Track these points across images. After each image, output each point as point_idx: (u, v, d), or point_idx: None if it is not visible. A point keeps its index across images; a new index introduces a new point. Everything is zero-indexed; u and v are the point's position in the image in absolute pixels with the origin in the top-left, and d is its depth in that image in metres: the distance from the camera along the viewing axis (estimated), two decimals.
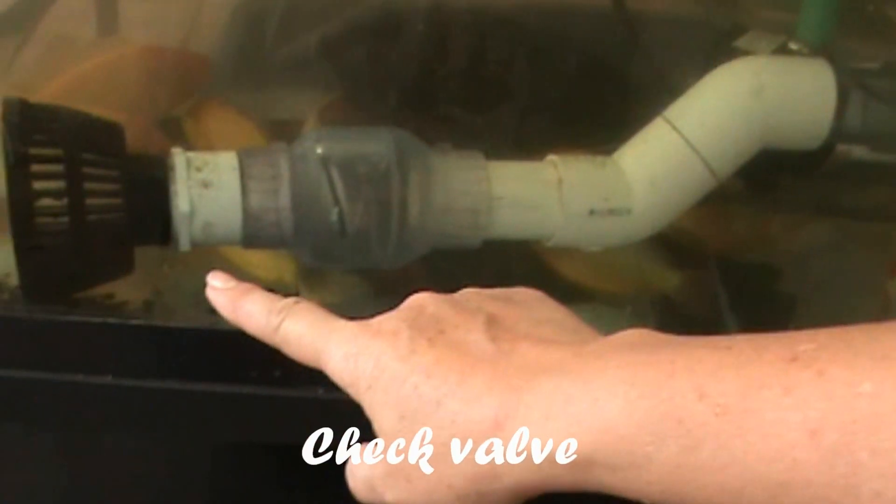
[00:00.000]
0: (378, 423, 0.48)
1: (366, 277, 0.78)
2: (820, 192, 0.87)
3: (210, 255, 0.73)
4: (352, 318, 0.51)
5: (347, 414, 0.65)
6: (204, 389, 0.67)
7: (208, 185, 0.67)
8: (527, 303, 0.51)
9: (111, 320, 0.67)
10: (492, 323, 0.48)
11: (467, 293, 0.52)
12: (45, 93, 0.85)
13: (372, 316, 0.50)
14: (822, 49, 0.80)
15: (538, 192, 0.71)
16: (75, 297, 0.69)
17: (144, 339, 0.67)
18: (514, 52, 0.85)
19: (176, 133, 0.87)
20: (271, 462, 0.73)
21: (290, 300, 0.54)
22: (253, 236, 0.68)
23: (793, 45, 0.80)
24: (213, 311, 0.70)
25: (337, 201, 0.67)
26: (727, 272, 0.82)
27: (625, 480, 0.41)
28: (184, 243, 0.67)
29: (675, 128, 0.73)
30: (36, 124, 0.66)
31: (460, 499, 0.45)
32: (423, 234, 0.68)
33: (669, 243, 0.81)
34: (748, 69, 0.75)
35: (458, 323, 0.48)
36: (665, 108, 0.75)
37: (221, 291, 0.58)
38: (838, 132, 0.78)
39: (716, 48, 0.82)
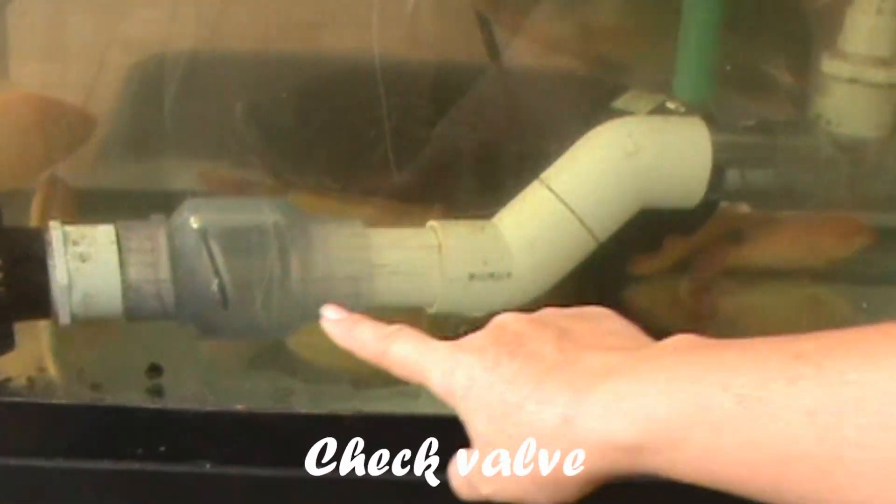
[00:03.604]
0: (472, 426, 0.56)
1: None
2: None
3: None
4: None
5: (235, 490, 0.68)
6: (90, 467, 0.67)
7: (86, 259, 0.67)
8: (595, 318, 0.60)
9: None
10: (562, 336, 0.56)
11: (545, 312, 0.60)
12: None
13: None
14: (700, 107, 0.81)
15: (419, 259, 0.72)
16: None
17: (26, 416, 0.67)
18: (393, 113, 0.85)
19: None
20: None
21: (395, 327, 0.62)
22: (134, 309, 0.68)
23: (670, 105, 0.81)
24: (96, 386, 0.71)
25: (217, 273, 0.68)
26: None
27: (667, 462, 0.49)
28: (63, 317, 0.67)
29: (551, 190, 0.75)
30: None
31: (541, 487, 0.54)
32: (305, 303, 0.69)
33: None
34: (622, 130, 0.76)
35: (534, 336, 0.57)
36: (543, 170, 0.76)
37: (336, 322, 0.66)
38: (717, 190, 0.79)
39: (594, 108, 0.83)
